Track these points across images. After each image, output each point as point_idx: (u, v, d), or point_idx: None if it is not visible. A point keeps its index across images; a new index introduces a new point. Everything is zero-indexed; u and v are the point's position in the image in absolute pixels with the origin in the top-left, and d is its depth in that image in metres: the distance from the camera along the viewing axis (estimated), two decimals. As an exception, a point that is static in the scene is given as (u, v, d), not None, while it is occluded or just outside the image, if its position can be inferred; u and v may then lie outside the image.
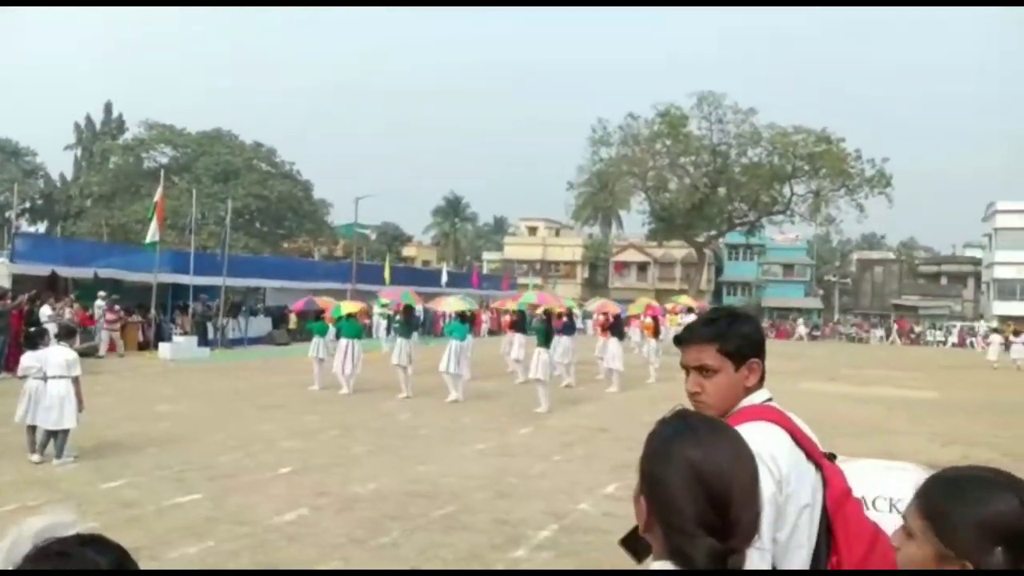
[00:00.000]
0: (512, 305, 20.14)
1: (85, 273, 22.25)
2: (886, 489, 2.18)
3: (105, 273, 22.57)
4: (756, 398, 1.89)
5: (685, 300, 30.00)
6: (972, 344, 44.18)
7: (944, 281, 65.08)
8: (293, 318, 28.21)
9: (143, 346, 22.52)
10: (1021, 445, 10.97)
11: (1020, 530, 1.11)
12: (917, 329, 48.74)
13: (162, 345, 21.34)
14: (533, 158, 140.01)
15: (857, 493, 2.18)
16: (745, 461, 1.16)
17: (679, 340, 1.97)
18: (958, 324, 50.61)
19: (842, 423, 12.80)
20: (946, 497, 1.18)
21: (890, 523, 2.07)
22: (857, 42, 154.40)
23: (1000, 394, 18.71)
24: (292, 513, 6.68)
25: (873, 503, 2.17)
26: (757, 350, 1.89)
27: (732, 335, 1.85)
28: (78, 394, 8.37)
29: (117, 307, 21.49)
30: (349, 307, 16.22)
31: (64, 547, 1.11)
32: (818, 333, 49.93)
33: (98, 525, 6.15)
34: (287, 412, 12.41)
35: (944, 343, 45.79)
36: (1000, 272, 53.95)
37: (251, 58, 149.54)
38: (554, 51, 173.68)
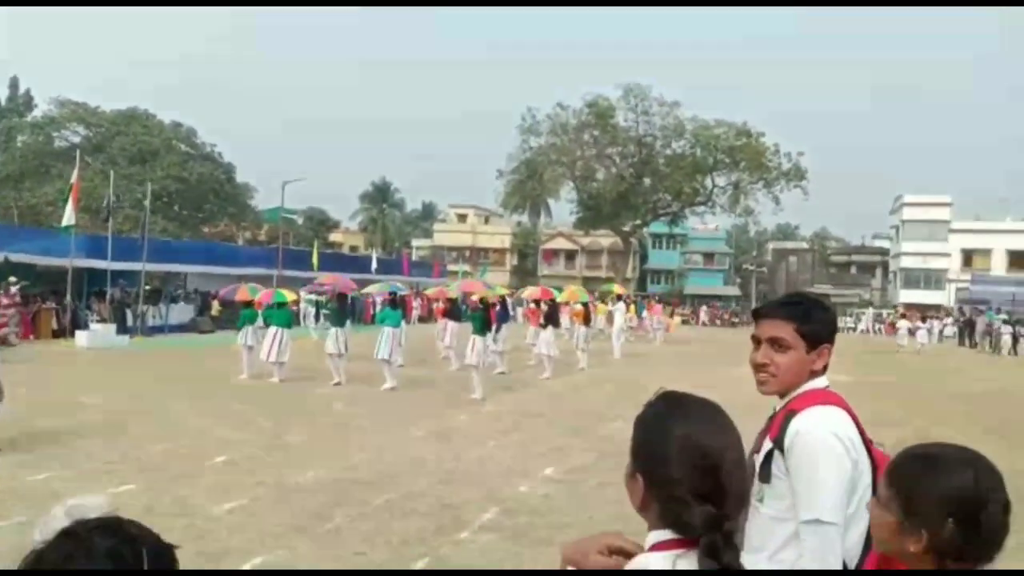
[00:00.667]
0: (454, 293, 20.13)
1: (-7, 257, 21.18)
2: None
3: (16, 257, 21.53)
4: (819, 383, 1.95)
5: (616, 289, 30.62)
6: (879, 330, 46.55)
7: (854, 270, 68.25)
8: (216, 305, 27.49)
9: (58, 334, 21.61)
10: (929, 425, 11.71)
11: (971, 504, 1.25)
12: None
13: (79, 333, 20.53)
14: (463, 145, 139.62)
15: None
16: (731, 434, 1.28)
17: (757, 313, 2.04)
18: (869, 311, 53.17)
19: (766, 406, 13.40)
20: (911, 470, 1.34)
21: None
22: (778, 35, 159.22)
23: (908, 377, 19.81)
24: (230, 503, 6.62)
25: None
26: (831, 337, 1.97)
27: (813, 318, 1.93)
28: None
29: (14, 291, 20.36)
30: (288, 295, 16.00)
31: (74, 528, 1.15)
32: (737, 320, 51.58)
33: (28, 519, 5.99)
34: (216, 401, 12.17)
35: (854, 330, 48.02)
36: (906, 262, 56.86)
37: (171, 35, 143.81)
38: (485, 37, 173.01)
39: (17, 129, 50.51)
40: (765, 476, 1.84)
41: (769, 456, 1.86)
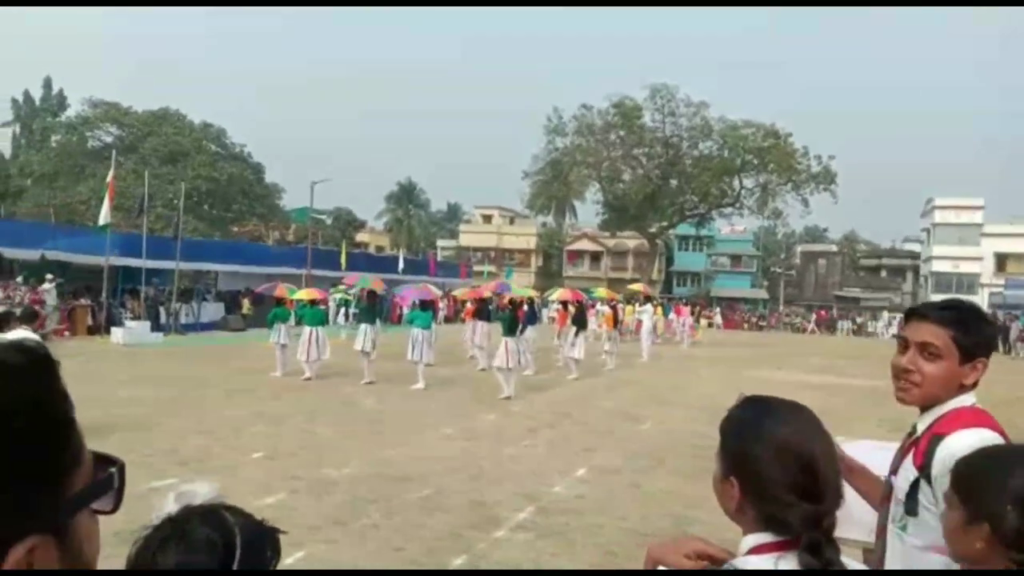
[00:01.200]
0: (486, 293, 20.16)
1: (31, 255, 21.64)
2: (880, 466, 2.40)
3: (52, 255, 21.99)
4: (966, 399, 1.82)
5: (638, 288, 30.53)
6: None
7: (884, 274, 67.35)
8: (246, 303, 27.82)
9: (93, 330, 22.02)
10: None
11: None
12: (859, 320, 50.40)
13: (114, 330, 20.92)
14: (488, 146, 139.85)
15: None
16: (823, 434, 1.31)
17: (911, 313, 1.91)
18: (897, 316, 52.43)
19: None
20: (971, 468, 1.41)
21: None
22: (808, 40, 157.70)
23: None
24: (270, 497, 6.74)
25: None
26: (988, 352, 1.83)
27: (973, 329, 1.79)
28: None
29: (47, 287, 20.69)
30: (308, 293, 16.14)
31: (178, 516, 1.19)
32: (764, 323, 51.20)
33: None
34: (251, 398, 12.36)
35: (883, 334, 47.42)
36: (937, 266, 56.02)
37: (203, 39, 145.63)
38: (511, 38, 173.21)
39: (51, 129, 51.51)
40: (912, 508, 1.76)
41: (915, 486, 1.77)
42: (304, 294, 16.50)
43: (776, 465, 1.24)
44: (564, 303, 19.70)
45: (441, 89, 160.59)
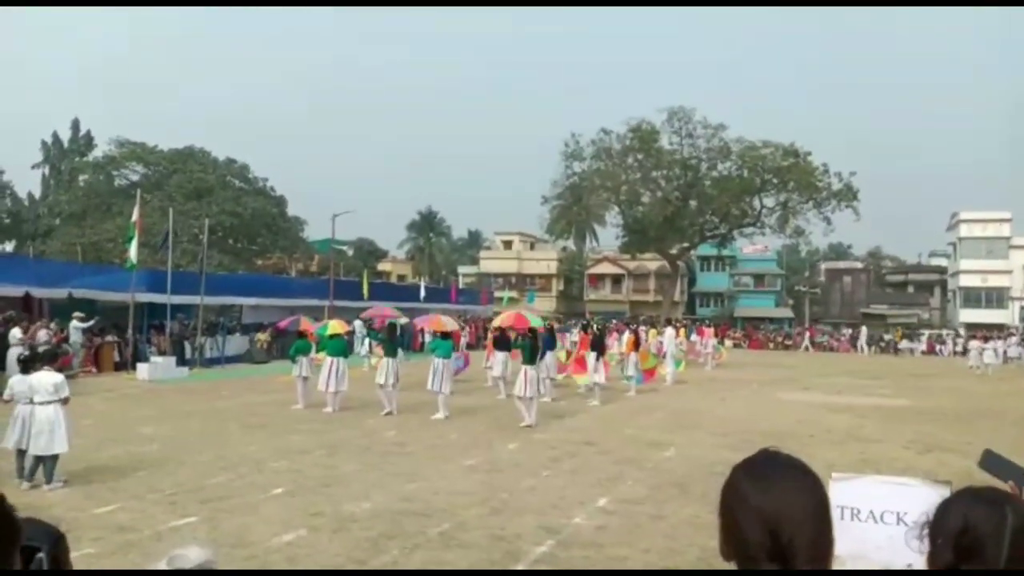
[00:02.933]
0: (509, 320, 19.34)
1: (59, 294, 21.98)
2: (893, 504, 2.35)
3: (80, 293, 22.31)
4: None
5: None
6: (941, 351, 45.13)
7: (911, 289, 66.44)
8: (260, 336, 27.92)
9: (119, 366, 22.27)
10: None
11: (957, 531, 1.39)
12: (887, 337, 49.67)
13: (140, 366, 21.12)
14: (507, 172, 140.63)
15: (866, 507, 2.36)
16: (803, 493, 1.35)
17: None
18: (926, 332, 51.66)
19: (819, 432, 13.12)
20: (936, 508, 1.50)
21: (897, 535, 2.25)
22: (824, 53, 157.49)
23: (969, 401, 19.17)
24: (290, 534, 6.73)
25: (881, 516, 2.34)
26: None
27: None
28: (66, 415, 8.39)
29: (70, 326, 20.90)
30: (339, 326, 16.21)
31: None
32: (790, 343, 50.55)
33: (95, 551, 6.19)
34: (272, 432, 12.40)
35: (913, 352, 46.66)
36: (965, 280, 55.17)
37: (223, 72, 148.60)
38: (528, 65, 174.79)
39: (79, 169, 52.67)
40: None
41: None
42: (337, 326, 16.40)
43: (747, 526, 1.33)
44: (584, 327, 19.56)
45: (461, 117, 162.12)
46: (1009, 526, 1.37)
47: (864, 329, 48.46)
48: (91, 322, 21.47)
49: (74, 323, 20.90)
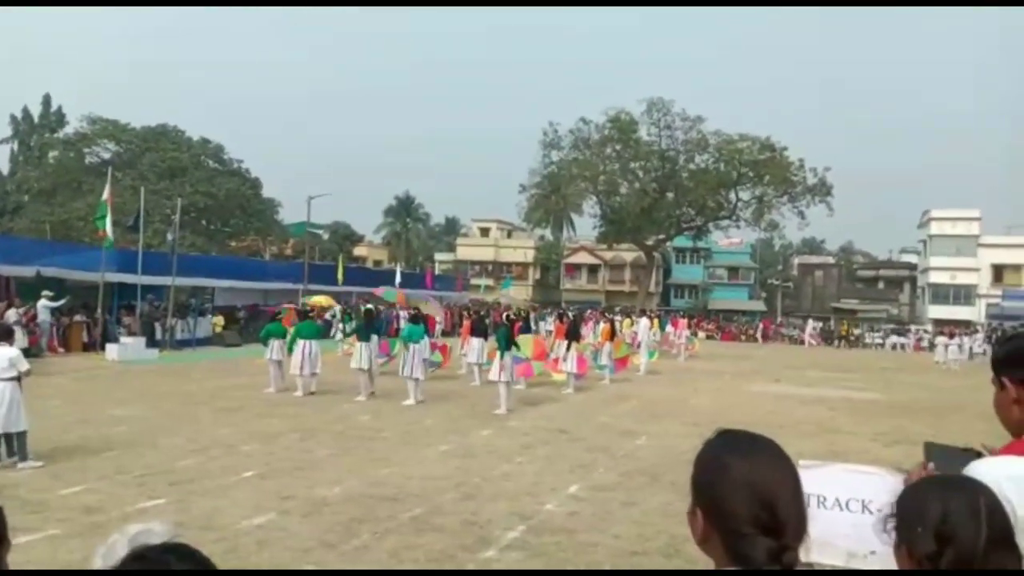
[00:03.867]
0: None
1: (27, 271, 21.60)
2: (858, 492, 2.39)
3: (48, 272, 21.95)
4: None
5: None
6: (902, 347, 45.92)
7: (881, 285, 67.44)
8: (219, 319, 27.55)
9: (88, 347, 21.96)
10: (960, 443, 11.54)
11: (937, 519, 1.38)
12: (856, 332, 50.44)
13: (109, 346, 20.85)
14: (486, 159, 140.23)
15: (831, 494, 2.40)
16: (784, 468, 1.34)
17: None
18: (890, 327, 52.50)
19: (789, 423, 13.29)
20: (904, 496, 1.50)
21: (861, 523, 2.29)
22: (802, 50, 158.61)
23: (937, 396, 19.52)
24: (260, 517, 6.70)
25: (847, 504, 2.38)
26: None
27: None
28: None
29: (38, 304, 20.59)
30: (321, 300, 16.16)
31: (147, 552, 1.23)
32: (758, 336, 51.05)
33: (60, 532, 6.11)
34: (245, 415, 12.32)
35: (882, 345, 47.43)
36: (934, 277, 56.09)
37: (199, 54, 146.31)
38: (508, 52, 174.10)
39: (49, 145, 51.59)
40: None
41: None
42: (322, 300, 16.39)
43: (737, 499, 1.28)
44: (560, 316, 19.62)
45: (440, 103, 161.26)
46: (984, 511, 1.40)
47: (811, 321, 49.48)
48: (61, 301, 21.15)
49: (43, 302, 20.56)
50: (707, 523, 1.32)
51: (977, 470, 1.71)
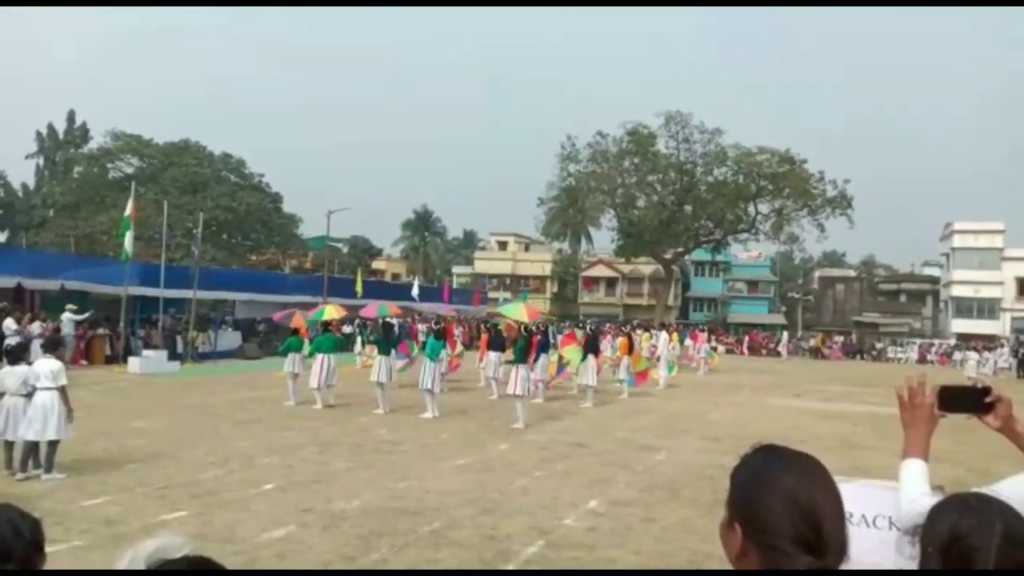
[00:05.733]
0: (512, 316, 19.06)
1: (51, 285, 21.90)
2: (884, 507, 2.36)
3: (72, 285, 22.24)
4: None
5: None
6: (932, 361, 45.32)
7: (903, 299, 66.67)
8: (228, 329, 27.64)
9: (110, 359, 22.18)
10: (983, 460, 11.35)
11: (948, 540, 1.36)
12: (879, 346, 49.90)
13: (131, 359, 21.05)
14: (504, 173, 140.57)
15: (858, 511, 2.37)
16: (830, 487, 1.30)
17: None
18: (917, 341, 51.89)
19: (810, 438, 13.13)
20: (927, 515, 1.47)
21: (888, 539, 2.25)
22: (818, 62, 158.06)
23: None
24: (280, 530, 6.72)
25: (874, 521, 2.35)
26: None
27: None
28: (66, 402, 8.36)
29: (61, 317, 20.83)
30: (332, 312, 16.28)
31: (173, 568, 1.23)
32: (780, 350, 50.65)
33: (83, 543, 6.16)
34: (264, 428, 12.38)
35: (904, 360, 46.85)
36: (957, 291, 55.39)
37: (220, 70, 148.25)
38: (526, 66, 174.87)
39: (74, 161, 52.43)
40: None
41: None
42: (332, 311, 16.53)
43: (781, 515, 1.23)
44: (578, 328, 19.54)
45: (458, 116, 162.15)
46: (997, 535, 1.37)
47: (785, 334, 49.16)
48: (85, 314, 21.42)
49: (67, 315, 20.82)
50: (746, 539, 1.26)
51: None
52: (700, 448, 11.79)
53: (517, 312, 18.01)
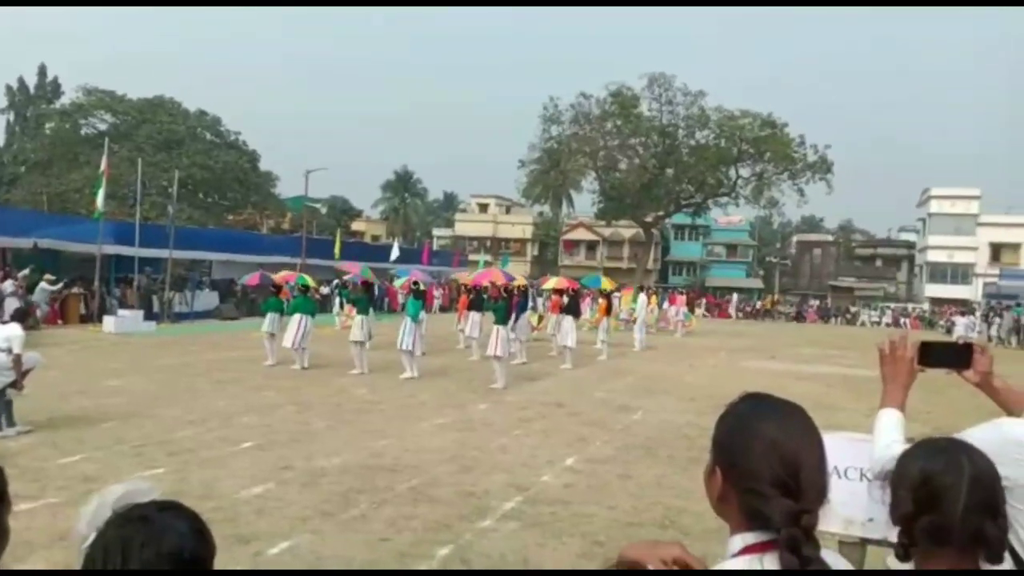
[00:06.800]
0: (486, 283, 19.66)
1: (24, 243, 21.52)
2: (856, 460, 2.40)
3: (45, 243, 21.88)
4: None
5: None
6: (904, 324, 46.04)
7: (879, 264, 67.45)
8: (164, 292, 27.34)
9: (85, 319, 21.94)
10: (950, 418, 11.59)
11: (918, 482, 1.41)
12: (853, 309, 50.57)
13: (106, 319, 20.84)
14: (485, 134, 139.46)
15: (831, 462, 2.40)
16: (812, 433, 1.32)
17: None
18: (891, 305, 52.62)
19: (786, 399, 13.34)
20: (899, 459, 1.52)
21: (860, 490, 2.29)
22: (799, 27, 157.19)
23: (933, 372, 19.56)
24: (258, 487, 6.73)
25: (845, 472, 2.39)
26: None
27: None
28: (17, 372, 8.28)
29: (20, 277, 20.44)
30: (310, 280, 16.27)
31: (144, 512, 1.22)
32: (752, 310, 51.23)
33: (59, 500, 6.14)
34: (242, 387, 12.34)
35: (879, 323, 47.54)
36: (932, 256, 56.10)
37: (195, 26, 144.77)
38: (508, 26, 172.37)
39: (45, 116, 51.20)
40: None
41: None
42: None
43: (759, 458, 1.25)
44: (559, 291, 19.63)
45: (439, 77, 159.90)
46: (967, 475, 1.39)
47: (735, 296, 50.04)
48: (59, 285, 21.20)
49: (43, 284, 20.61)
50: (726, 482, 1.29)
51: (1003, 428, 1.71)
52: (676, 408, 11.94)
53: (557, 282, 19.04)
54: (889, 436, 1.87)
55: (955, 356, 1.97)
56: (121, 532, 1.19)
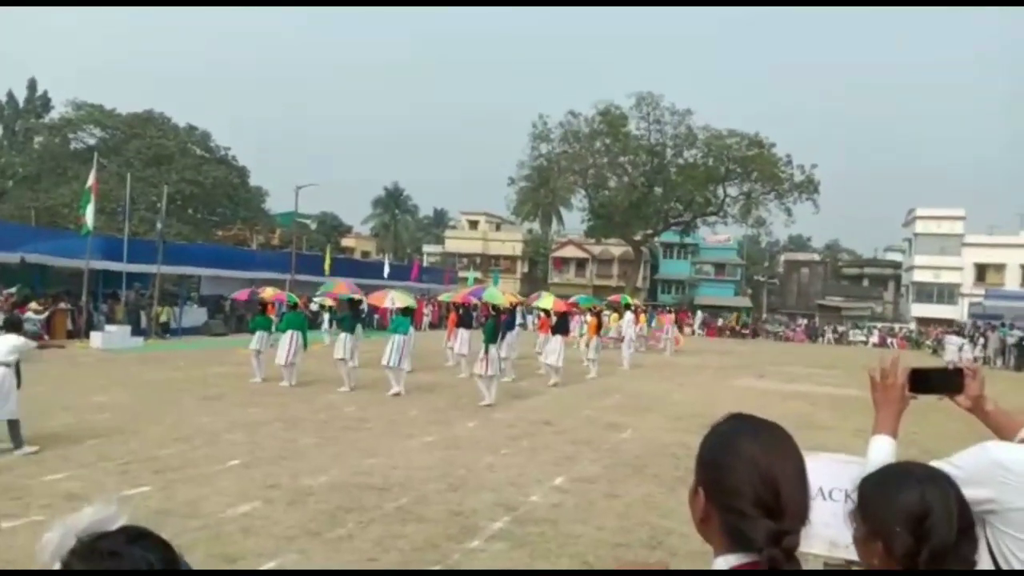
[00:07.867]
0: (475, 300, 19.72)
1: (11, 258, 21.39)
2: (841, 481, 2.43)
3: (32, 258, 21.76)
4: None
5: (630, 300, 30.34)
6: (891, 344, 46.30)
7: (866, 283, 67.91)
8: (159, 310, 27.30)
9: (72, 334, 21.79)
10: (938, 442, 11.65)
11: (917, 516, 1.41)
12: (840, 329, 50.85)
13: (93, 334, 20.71)
14: (476, 152, 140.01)
15: (815, 483, 2.43)
16: (792, 453, 1.32)
17: None
18: (878, 324, 52.94)
19: (772, 418, 13.30)
20: (869, 485, 1.53)
21: (844, 513, 2.32)
22: (788, 46, 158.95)
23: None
24: (245, 505, 6.69)
25: (830, 494, 2.42)
26: None
27: None
28: (17, 376, 8.26)
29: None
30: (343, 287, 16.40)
31: (113, 546, 1.09)
32: (747, 331, 51.42)
33: (43, 518, 6.08)
34: (229, 404, 12.28)
35: (866, 343, 47.79)
36: (919, 275, 56.54)
37: (186, 41, 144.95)
38: (499, 45, 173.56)
39: (34, 130, 51.02)
40: None
41: None
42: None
43: (742, 479, 1.25)
44: (546, 310, 19.63)
45: (430, 94, 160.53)
46: (954, 502, 1.42)
47: (700, 313, 50.35)
48: (45, 314, 21.09)
49: (29, 313, 20.52)
50: (708, 502, 1.29)
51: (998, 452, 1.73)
52: (664, 427, 11.95)
53: (547, 300, 18.83)
54: (882, 463, 1.90)
55: (946, 381, 2.00)
56: (88, 566, 1.06)
